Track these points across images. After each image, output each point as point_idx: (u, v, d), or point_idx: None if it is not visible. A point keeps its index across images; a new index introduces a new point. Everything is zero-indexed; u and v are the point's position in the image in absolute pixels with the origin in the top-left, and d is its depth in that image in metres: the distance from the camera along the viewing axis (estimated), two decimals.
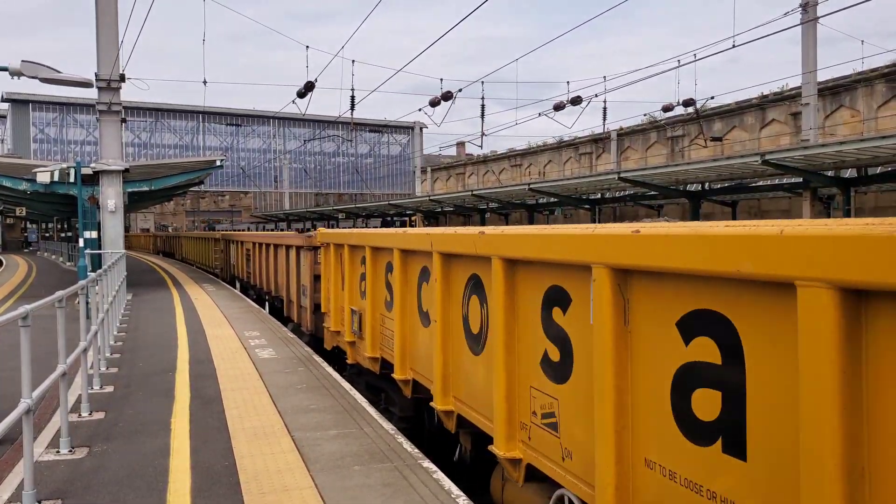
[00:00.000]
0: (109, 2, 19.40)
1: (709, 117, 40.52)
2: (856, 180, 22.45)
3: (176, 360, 10.97)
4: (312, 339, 13.28)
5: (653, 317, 3.39)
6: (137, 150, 66.37)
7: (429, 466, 5.93)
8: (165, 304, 18.79)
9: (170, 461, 6.16)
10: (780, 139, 36.13)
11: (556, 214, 44.05)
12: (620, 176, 25.78)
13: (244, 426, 7.21)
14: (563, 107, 30.25)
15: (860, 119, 32.45)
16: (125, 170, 20.65)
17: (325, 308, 11.14)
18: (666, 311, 3.29)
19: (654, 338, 3.38)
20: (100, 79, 19.50)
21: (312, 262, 13.05)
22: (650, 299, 3.39)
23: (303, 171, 73.15)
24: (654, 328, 3.37)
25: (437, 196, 45.75)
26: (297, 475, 5.77)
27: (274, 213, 73.89)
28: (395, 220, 56.56)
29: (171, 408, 8.02)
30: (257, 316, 16.38)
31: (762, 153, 20.29)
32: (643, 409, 3.46)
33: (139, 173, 23.25)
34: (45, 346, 8.46)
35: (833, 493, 2.36)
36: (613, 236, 3.50)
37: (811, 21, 24.34)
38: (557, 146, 55.42)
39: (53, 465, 6.12)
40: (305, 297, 13.75)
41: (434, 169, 75.65)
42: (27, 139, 62.13)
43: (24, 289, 24.14)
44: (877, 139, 17.78)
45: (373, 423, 7.29)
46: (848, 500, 2.36)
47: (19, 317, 4.94)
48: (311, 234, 13.69)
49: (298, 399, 8.34)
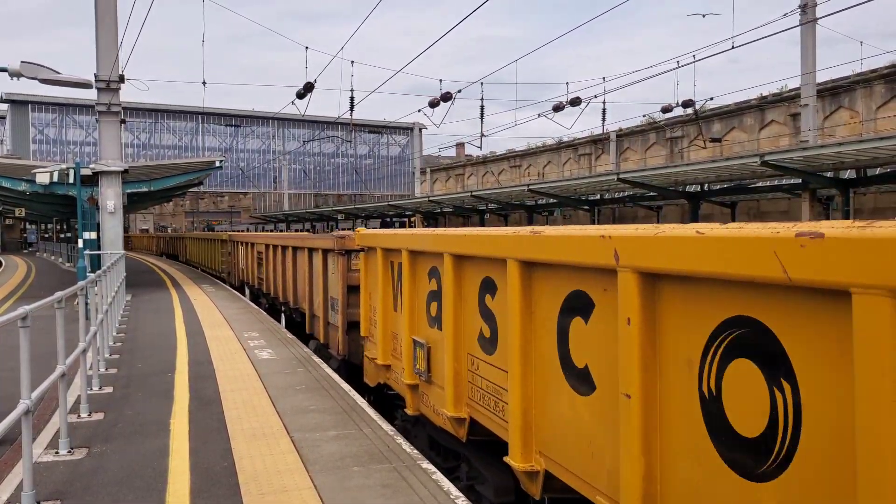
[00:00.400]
0: (109, 3, 19.40)
1: (708, 118, 40.54)
2: (855, 181, 22.45)
3: (175, 360, 10.97)
4: (344, 365, 10.98)
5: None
6: (137, 151, 66.35)
7: (428, 467, 5.93)
8: (164, 305, 18.78)
9: (169, 462, 6.16)
10: (780, 140, 36.15)
11: (556, 215, 44.06)
12: (619, 177, 25.79)
13: (243, 427, 7.21)
14: (563, 108, 30.28)
15: (859, 120, 32.46)
16: (124, 170, 20.64)
17: (367, 332, 9.01)
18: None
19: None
20: (99, 80, 19.50)
21: (345, 270, 10.86)
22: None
23: (302, 172, 73.14)
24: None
25: (437, 197, 45.75)
26: (296, 476, 5.77)
27: (273, 214, 73.86)
28: (395, 220, 56.56)
29: (170, 408, 8.01)
30: (256, 317, 16.37)
31: (761, 154, 20.31)
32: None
33: (138, 174, 23.24)
34: (45, 347, 8.46)
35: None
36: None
37: (810, 22, 24.37)
38: (557, 147, 55.43)
39: (52, 465, 6.11)
40: (335, 312, 11.36)
41: (433, 170, 75.65)
42: (26, 140, 62.11)
43: (24, 290, 24.13)
44: (876, 140, 17.80)
45: (372, 424, 7.29)
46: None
47: (18, 317, 4.94)
48: (343, 234, 11.35)
49: (298, 400, 8.34)
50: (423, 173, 75.94)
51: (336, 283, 11.25)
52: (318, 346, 12.57)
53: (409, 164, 77.16)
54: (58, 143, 64.13)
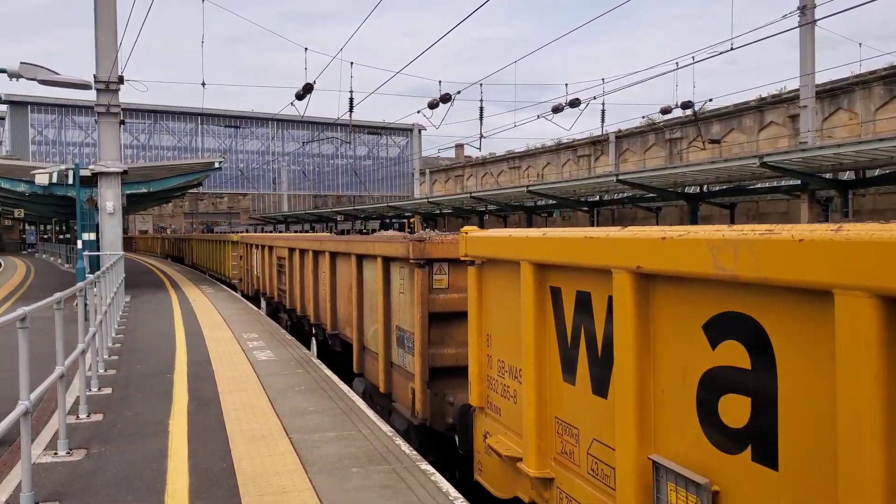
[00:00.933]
0: (108, 3, 19.40)
1: (707, 119, 40.55)
2: (854, 182, 22.49)
3: (174, 361, 10.97)
4: (420, 431, 7.44)
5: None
6: (136, 152, 66.30)
7: (427, 468, 5.94)
8: (163, 306, 18.77)
9: (168, 463, 6.16)
10: (779, 141, 36.17)
11: (555, 216, 44.09)
12: (619, 178, 25.81)
13: (242, 428, 7.20)
14: (562, 109, 30.26)
15: (858, 121, 32.49)
16: (124, 172, 20.64)
17: (482, 399, 5.72)
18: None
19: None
20: (98, 81, 19.49)
21: (425, 290, 7.29)
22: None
23: (301, 173, 73.12)
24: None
25: (436, 198, 45.79)
26: (295, 477, 5.76)
27: (272, 216, 73.85)
28: (394, 221, 56.56)
29: (169, 409, 8.01)
30: (255, 318, 16.36)
31: (760, 155, 20.34)
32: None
33: (138, 175, 23.24)
34: (44, 348, 8.46)
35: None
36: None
37: (809, 23, 24.38)
38: (556, 148, 55.44)
39: (51, 466, 6.11)
40: (407, 351, 7.84)
41: (433, 171, 75.66)
42: (25, 141, 62.06)
43: (23, 290, 24.11)
44: (875, 141, 17.81)
45: (371, 425, 7.28)
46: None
47: (17, 318, 4.94)
48: (422, 236, 7.55)
49: (297, 401, 8.34)
50: (423, 174, 75.94)
51: (408, 307, 7.69)
52: (368, 387, 9.40)
53: (408, 165, 77.15)
54: (57, 144, 64.07)
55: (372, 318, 9.12)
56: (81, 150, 63.26)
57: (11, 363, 6.13)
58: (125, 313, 17.15)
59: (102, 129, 20.28)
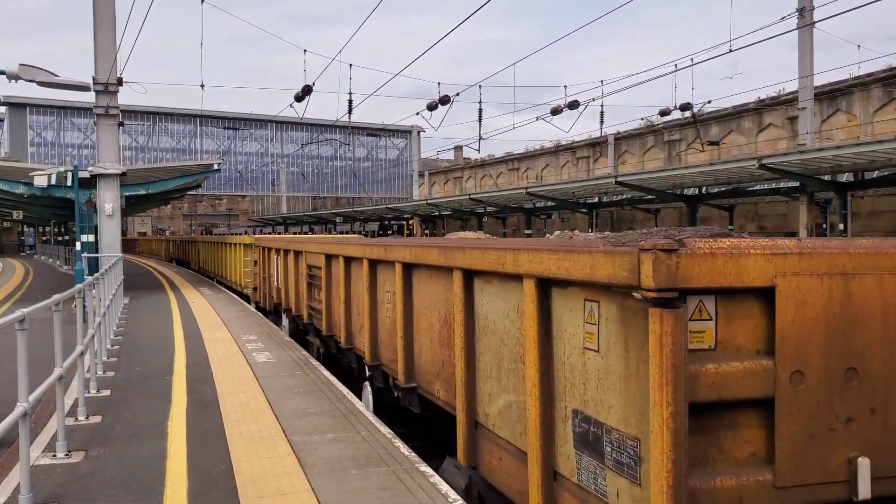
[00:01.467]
0: (107, 5, 19.40)
1: (706, 121, 40.59)
2: (853, 184, 22.53)
3: (173, 363, 10.96)
4: None
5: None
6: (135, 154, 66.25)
7: (426, 470, 5.93)
8: (162, 308, 18.76)
9: (167, 465, 6.15)
10: (777, 143, 36.21)
11: (554, 218, 44.10)
12: (618, 180, 25.85)
13: (241, 430, 7.20)
14: (561, 111, 30.27)
15: (857, 123, 32.53)
16: (122, 173, 20.62)
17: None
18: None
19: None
20: (97, 82, 19.48)
21: (679, 352, 3.21)
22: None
23: (300, 175, 73.11)
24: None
25: (435, 200, 45.82)
26: (294, 479, 5.76)
27: (271, 217, 73.86)
28: (393, 223, 56.48)
29: (168, 411, 8.00)
30: (254, 320, 16.36)
31: (759, 157, 20.38)
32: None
33: (136, 177, 23.24)
34: (43, 350, 8.45)
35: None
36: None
37: (808, 26, 24.41)
38: (555, 150, 55.48)
39: (50, 468, 6.10)
40: (619, 469, 3.69)
41: (432, 173, 75.69)
42: (24, 142, 62.00)
43: (22, 292, 24.09)
44: (873, 143, 17.84)
45: (370, 427, 7.28)
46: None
47: (16, 320, 4.94)
48: (674, 239, 3.27)
49: (296, 403, 8.33)
50: (422, 176, 75.97)
51: (620, 383, 3.69)
52: (480, 488, 5.69)
53: (407, 167, 77.14)
54: (56, 146, 64.04)
55: (501, 381, 5.15)
56: (80, 151, 63.22)
57: (10, 365, 6.12)
58: (124, 315, 17.14)
59: (101, 130, 20.26)
